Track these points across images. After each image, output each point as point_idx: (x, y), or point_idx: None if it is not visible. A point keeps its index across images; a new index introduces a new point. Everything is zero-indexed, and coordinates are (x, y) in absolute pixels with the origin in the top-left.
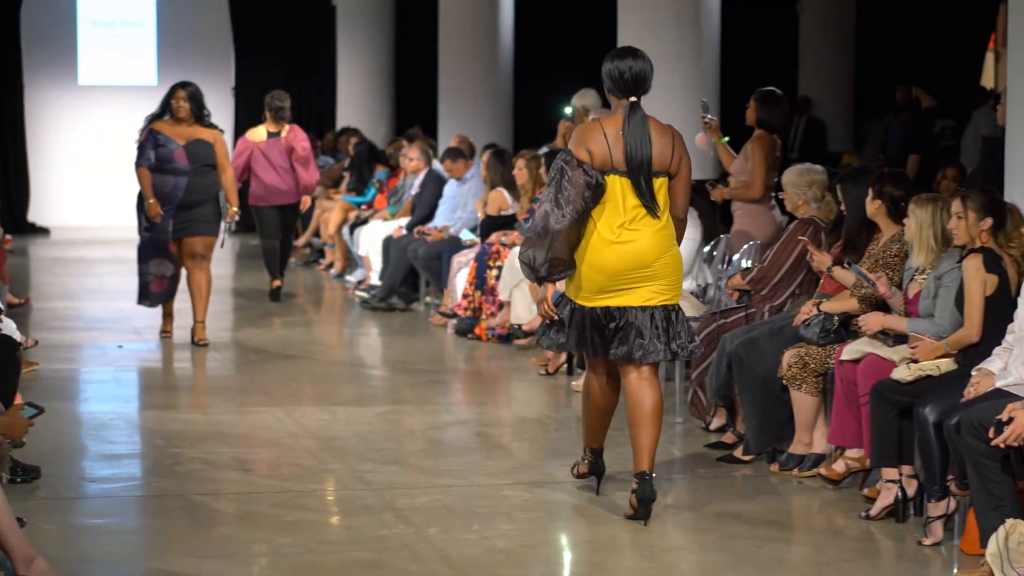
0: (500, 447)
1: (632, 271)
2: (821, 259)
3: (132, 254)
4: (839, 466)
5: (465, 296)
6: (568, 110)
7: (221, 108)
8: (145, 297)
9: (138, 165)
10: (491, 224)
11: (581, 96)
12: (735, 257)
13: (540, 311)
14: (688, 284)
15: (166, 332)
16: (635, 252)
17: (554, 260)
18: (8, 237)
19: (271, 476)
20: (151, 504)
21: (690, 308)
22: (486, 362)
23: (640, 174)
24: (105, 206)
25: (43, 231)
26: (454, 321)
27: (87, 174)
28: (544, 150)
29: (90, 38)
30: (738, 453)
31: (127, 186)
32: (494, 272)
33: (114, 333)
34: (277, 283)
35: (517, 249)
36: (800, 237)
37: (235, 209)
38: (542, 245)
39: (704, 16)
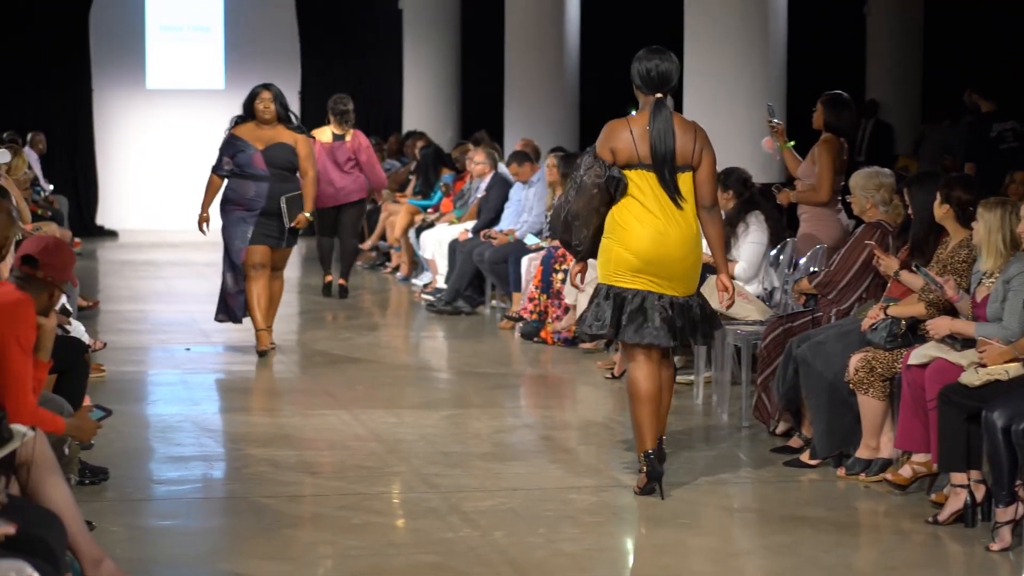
0: (566, 450)
1: (662, 260)
2: (888, 263)
3: (199, 257)
4: (906, 471)
5: (531, 299)
6: (633, 113)
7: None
8: (219, 311)
9: (212, 171)
10: None
11: None
12: (801, 261)
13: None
14: (754, 288)
15: (264, 349)
16: (668, 241)
17: (581, 247)
18: (77, 240)
19: (337, 478)
20: (218, 506)
21: (756, 312)
22: (552, 366)
23: (664, 167)
24: (172, 209)
25: (111, 234)
26: (520, 324)
27: (155, 177)
28: None
29: (158, 42)
30: (805, 457)
31: (194, 189)
32: (560, 275)
33: (182, 336)
34: (330, 278)
35: None
36: (867, 241)
37: (307, 215)
38: (568, 233)
39: (771, 18)
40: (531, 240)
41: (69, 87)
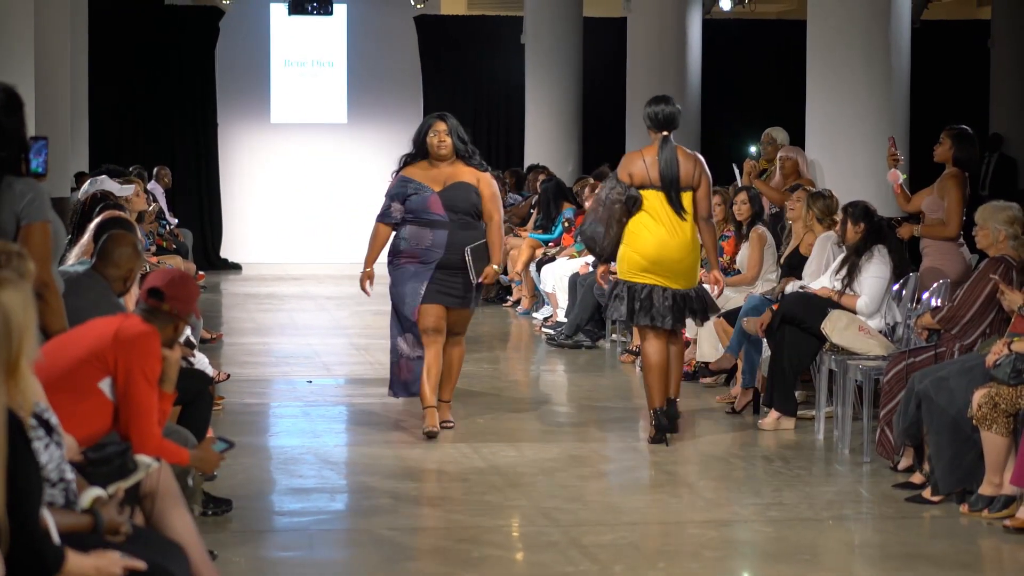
0: (686, 485)
1: (666, 261)
2: (1012, 298)
3: (322, 290)
4: (1023, 513)
5: None
6: (753, 149)
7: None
8: (393, 384)
9: (378, 219)
10: None
11: (777, 129)
12: (924, 295)
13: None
14: (876, 322)
15: (432, 430)
16: (669, 247)
17: (604, 250)
18: (201, 273)
19: (457, 511)
20: (339, 538)
21: (878, 347)
22: None
23: (671, 188)
24: (296, 242)
25: (235, 267)
26: (640, 359)
27: (278, 211)
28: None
29: (282, 78)
30: (927, 494)
31: (317, 223)
32: None
33: (304, 368)
34: None
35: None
36: (991, 275)
37: (494, 267)
38: (595, 245)
39: (893, 51)
40: None
41: (195, 122)
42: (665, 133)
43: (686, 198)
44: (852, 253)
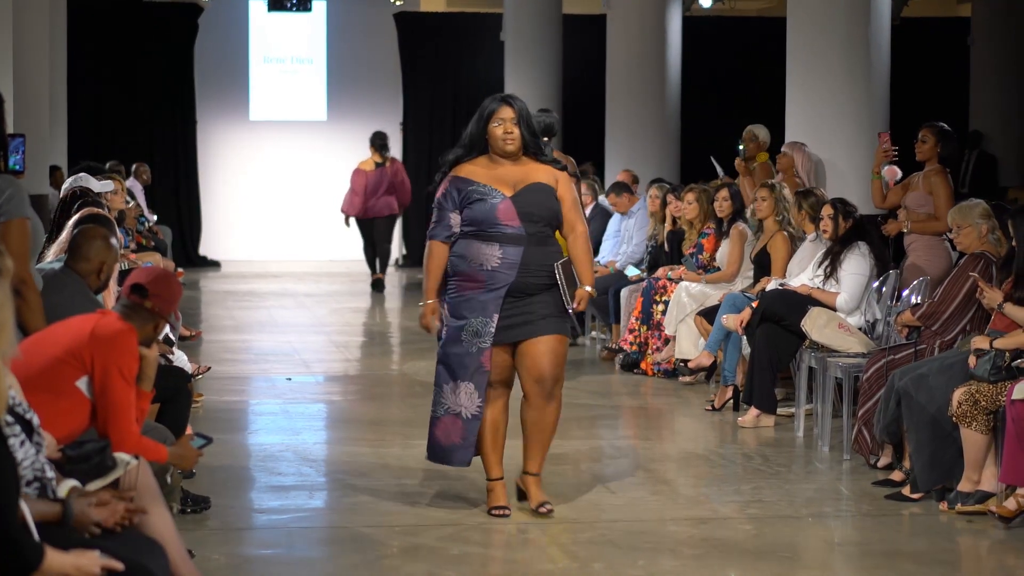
0: (665, 482)
1: None
2: (992, 295)
3: (301, 287)
4: (1011, 503)
5: (631, 331)
6: (741, 147)
7: (389, 143)
8: (430, 448)
9: (430, 236)
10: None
11: (759, 127)
12: (904, 292)
13: None
14: (856, 320)
15: (503, 512)
16: None
17: None
18: (180, 270)
19: (436, 509)
20: (319, 535)
21: (858, 344)
22: (651, 397)
23: None
24: (275, 240)
25: (214, 264)
26: (620, 356)
27: (257, 208)
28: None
29: (261, 75)
30: (906, 491)
31: (297, 220)
32: (660, 307)
33: (283, 366)
34: (377, 277)
35: (683, 284)
36: (971, 272)
37: (588, 289)
38: None
39: (873, 49)
40: (631, 271)
41: (173, 118)
42: (545, 139)
43: None
44: (835, 245)
